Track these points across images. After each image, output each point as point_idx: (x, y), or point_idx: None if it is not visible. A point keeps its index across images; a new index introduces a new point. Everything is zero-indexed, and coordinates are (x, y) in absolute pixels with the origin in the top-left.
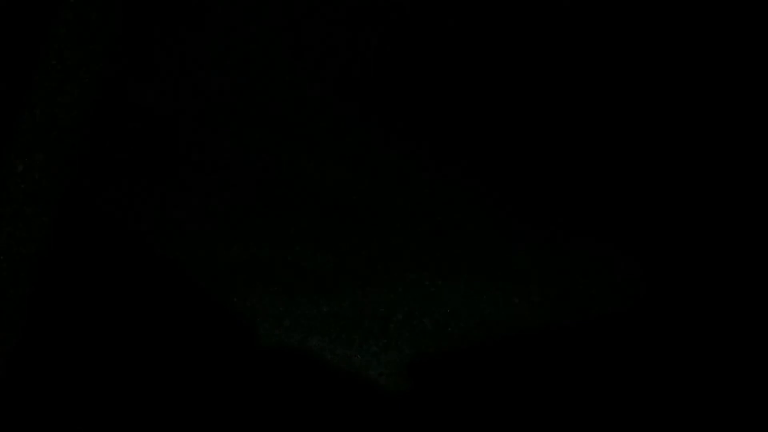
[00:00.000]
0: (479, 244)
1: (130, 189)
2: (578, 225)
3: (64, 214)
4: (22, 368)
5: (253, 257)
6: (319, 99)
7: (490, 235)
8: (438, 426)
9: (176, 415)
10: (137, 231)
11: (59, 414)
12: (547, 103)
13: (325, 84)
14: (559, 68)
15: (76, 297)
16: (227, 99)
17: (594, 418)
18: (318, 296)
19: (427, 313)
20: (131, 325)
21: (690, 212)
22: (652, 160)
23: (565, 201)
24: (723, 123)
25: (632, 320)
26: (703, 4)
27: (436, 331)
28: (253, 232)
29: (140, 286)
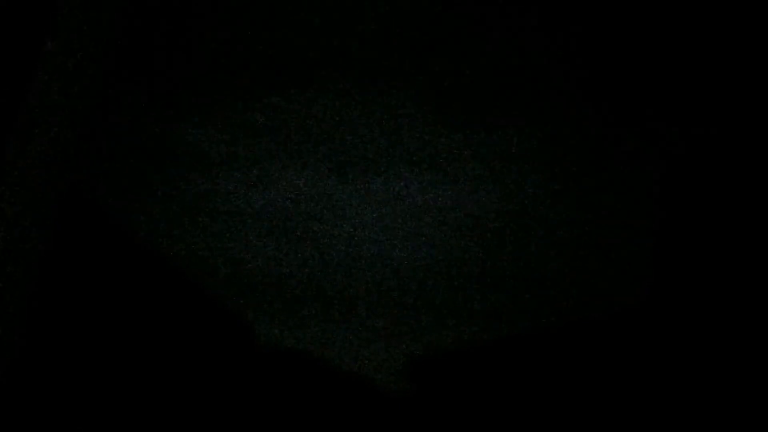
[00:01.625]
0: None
1: (129, 189)
2: (581, 225)
3: (64, 214)
4: (23, 368)
5: (252, 258)
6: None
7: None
8: (438, 426)
9: (174, 413)
10: (136, 231)
11: (59, 414)
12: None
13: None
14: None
15: (76, 297)
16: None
17: (594, 417)
18: (311, 291)
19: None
20: (130, 324)
21: (690, 212)
22: (653, 160)
23: (567, 201)
24: (722, 127)
25: (632, 320)
26: None
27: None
28: (251, 233)
29: (139, 285)
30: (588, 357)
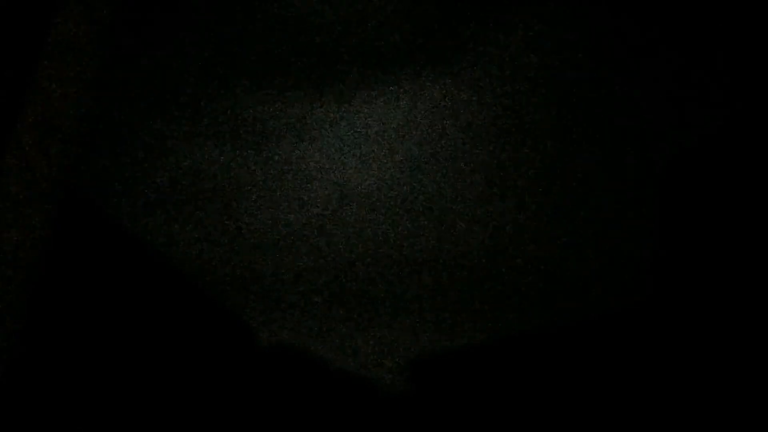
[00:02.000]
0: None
1: (129, 190)
2: (581, 226)
3: (64, 214)
4: (22, 368)
5: (251, 259)
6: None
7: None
8: (438, 426)
9: (174, 412)
10: (135, 231)
11: (59, 414)
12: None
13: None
14: None
15: (76, 297)
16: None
17: (594, 417)
18: (310, 292)
19: None
20: (129, 324)
21: (690, 213)
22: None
23: (571, 206)
24: (722, 128)
25: (632, 320)
26: None
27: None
28: (250, 234)
29: (138, 285)
30: (588, 356)
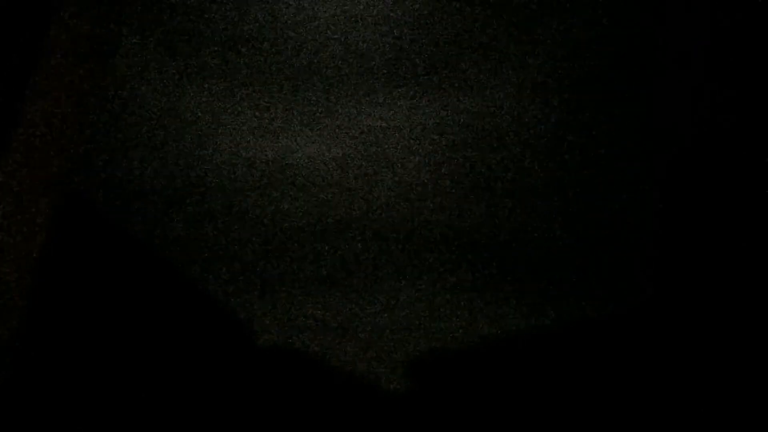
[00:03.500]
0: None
1: (128, 190)
2: (580, 230)
3: (65, 214)
4: (22, 368)
5: (250, 258)
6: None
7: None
8: (438, 426)
9: (173, 411)
10: (134, 231)
11: (59, 414)
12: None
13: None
14: None
15: (76, 296)
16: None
17: (594, 417)
18: (311, 292)
19: None
20: (128, 323)
21: (690, 213)
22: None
23: (571, 205)
24: (719, 127)
25: (632, 320)
26: None
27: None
28: (250, 235)
29: (138, 285)
30: (588, 356)
